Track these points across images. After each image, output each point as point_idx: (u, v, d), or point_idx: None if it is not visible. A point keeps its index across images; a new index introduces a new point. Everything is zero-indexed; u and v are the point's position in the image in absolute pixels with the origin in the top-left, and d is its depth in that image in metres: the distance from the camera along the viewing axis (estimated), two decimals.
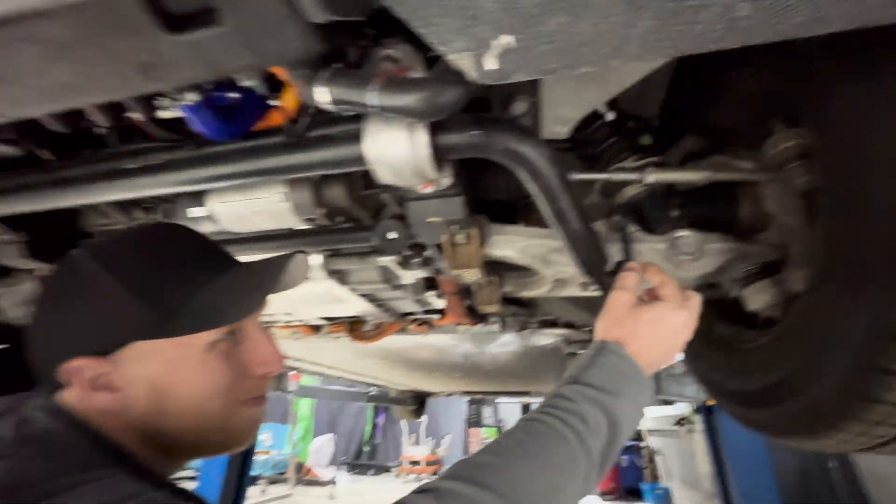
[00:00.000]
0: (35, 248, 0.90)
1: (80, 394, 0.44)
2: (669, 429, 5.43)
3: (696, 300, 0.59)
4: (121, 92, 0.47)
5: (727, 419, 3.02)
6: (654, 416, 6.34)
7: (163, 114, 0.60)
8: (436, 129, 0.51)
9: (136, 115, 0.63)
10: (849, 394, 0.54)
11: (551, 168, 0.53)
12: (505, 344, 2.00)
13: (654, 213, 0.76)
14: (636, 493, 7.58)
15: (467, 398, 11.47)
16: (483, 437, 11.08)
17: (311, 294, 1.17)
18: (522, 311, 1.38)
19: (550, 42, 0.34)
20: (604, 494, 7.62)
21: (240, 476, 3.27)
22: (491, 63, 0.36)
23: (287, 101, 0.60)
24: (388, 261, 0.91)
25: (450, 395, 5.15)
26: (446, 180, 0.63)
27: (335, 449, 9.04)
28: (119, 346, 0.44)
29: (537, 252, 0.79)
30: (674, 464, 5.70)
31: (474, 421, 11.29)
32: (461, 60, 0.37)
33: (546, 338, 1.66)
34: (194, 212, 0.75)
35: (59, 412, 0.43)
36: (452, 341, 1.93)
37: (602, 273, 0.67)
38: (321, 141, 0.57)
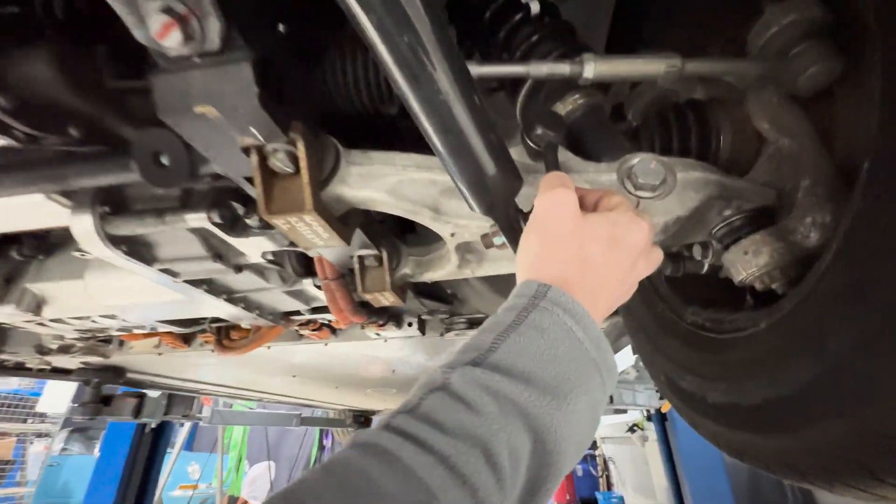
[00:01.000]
0: None
1: None
2: (622, 436, 5.33)
3: (648, 222, 0.35)
4: None
5: (682, 425, 2.88)
6: (607, 423, 6.27)
7: None
8: None
9: None
10: None
11: None
12: (429, 351, 1.69)
13: (596, 131, 0.50)
14: (592, 503, 7.46)
15: None
16: None
17: (133, 285, 0.81)
18: (443, 308, 1.08)
19: None
20: None
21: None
22: None
23: None
24: (198, 218, 0.57)
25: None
26: (216, 22, 0.32)
27: (275, 477, 8.25)
28: None
29: (421, 194, 0.49)
30: (627, 472, 5.61)
31: None
32: None
33: None
34: None
35: None
36: (372, 351, 1.60)
37: (510, 210, 0.39)
38: None
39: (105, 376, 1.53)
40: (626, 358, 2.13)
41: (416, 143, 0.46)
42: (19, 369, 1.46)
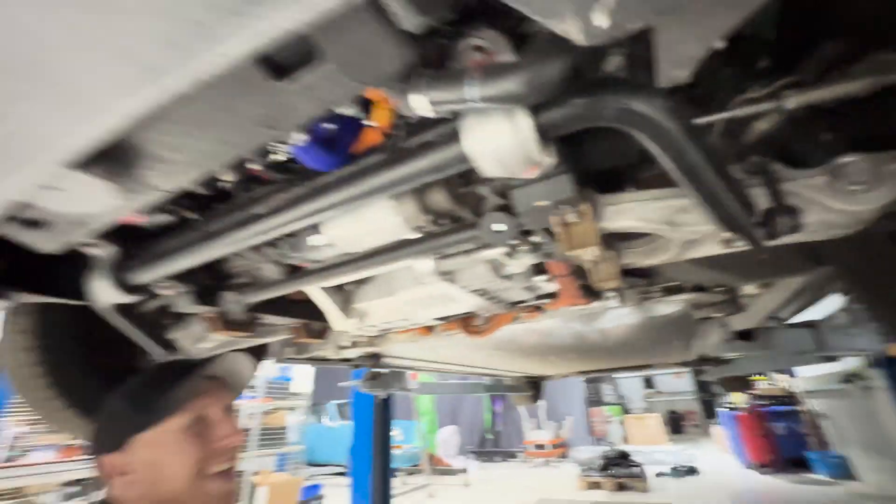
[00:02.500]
0: (200, 296, 1.07)
1: (114, 484, 0.67)
2: (836, 387, 4.65)
3: None
4: (247, 147, 0.52)
5: None
6: (811, 376, 5.48)
7: (275, 157, 0.66)
8: (537, 108, 0.48)
9: (255, 165, 0.70)
10: None
11: (674, 122, 0.47)
12: (621, 318, 1.88)
13: (801, 142, 0.64)
14: (801, 464, 6.65)
15: (583, 378, 11.11)
16: (607, 415, 10.64)
17: (425, 297, 1.22)
18: (641, 282, 1.27)
19: None
20: (761, 467, 6.83)
21: (384, 470, 3.57)
22: (601, 19, 0.32)
23: (379, 118, 0.62)
24: (495, 254, 0.90)
25: (565, 377, 5.02)
26: (550, 160, 0.59)
27: (460, 439, 9.40)
28: (123, 443, 0.67)
29: (660, 216, 0.71)
30: (848, 428, 4.86)
31: (594, 400, 10.89)
32: (565, 26, 0.34)
33: (670, 305, 1.51)
34: (313, 240, 0.82)
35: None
36: (563, 323, 1.87)
37: (749, 225, 0.58)
38: (421, 149, 0.58)
39: (372, 361, 2.13)
40: (832, 303, 1.99)
41: (645, 180, 0.69)
42: (323, 360, 2.15)
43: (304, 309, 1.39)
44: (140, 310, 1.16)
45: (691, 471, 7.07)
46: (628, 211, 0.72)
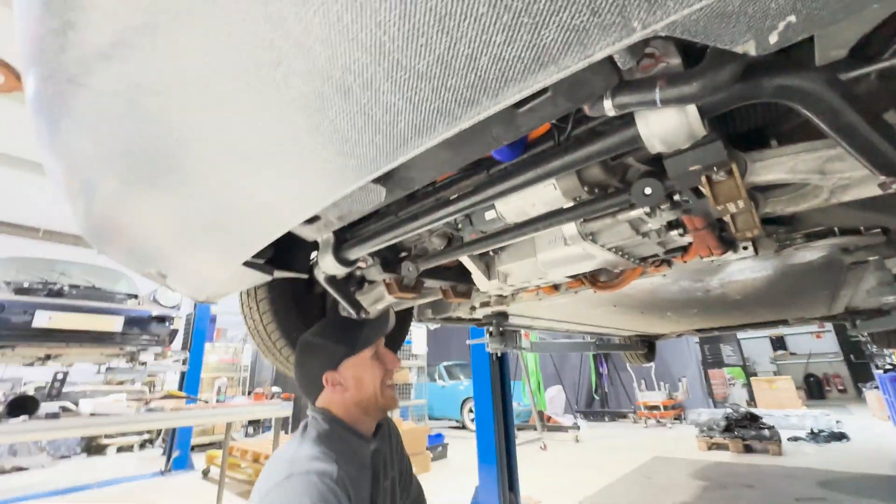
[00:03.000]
0: (384, 266, 1.37)
1: (330, 390, 1.07)
2: None
3: None
4: (477, 156, 0.72)
5: None
6: None
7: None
8: None
9: None
10: None
11: (831, 90, 0.56)
12: (753, 269, 1.84)
13: None
14: None
15: (698, 338, 10.41)
16: (728, 377, 9.91)
17: (563, 257, 1.39)
18: (782, 229, 1.28)
19: None
20: None
21: (506, 422, 3.92)
22: (773, 38, 0.45)
23: None
24: (638, 213, 1.03)
25: (680, 335, 4.85)
26: (704, 131, 0.71)
27: (566, 399, 9.58)
28: (338, 365, 1.08)
29: (809, 167, 0.78)
30: None
31: (713, 361, 10.18)
32: (741, 48, 0.47)
33: (813, 251, 1.47)
34: (489, 215, 1.04)
35: (320, 411, 1.06)
36: (686, 276, 1.90)
37: None
38: (591, 136, 0.74)
39: (500, 319, 2.39)
40: None
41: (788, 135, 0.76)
42: (458, 320, 2.47)
43: (453, 273, 1.66)
44: (340, 279, 1.52)
45: (837, 436, 6.38)
46: (777, 165, 0.80)
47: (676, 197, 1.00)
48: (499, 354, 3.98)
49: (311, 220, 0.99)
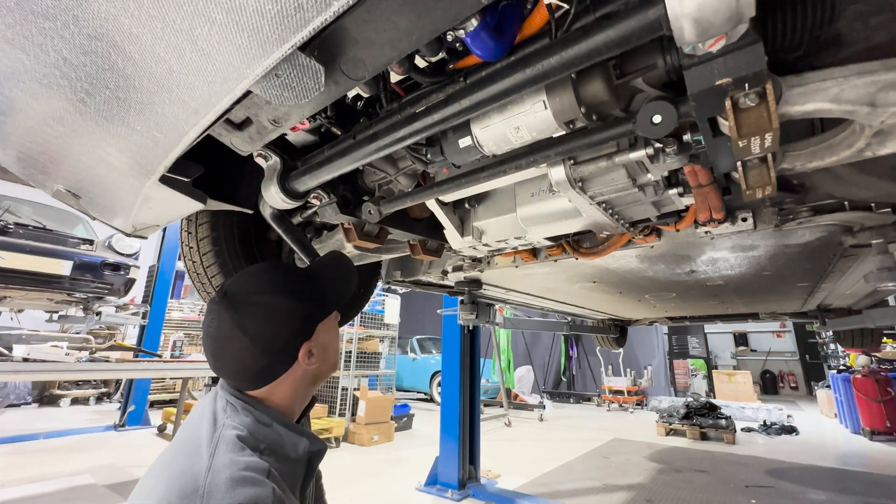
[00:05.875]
0: (342, 207, 1.19)
1: (296, 368, 0.77)
2: None
3: None
4: (439, 27, 0.54)
5: None
6: None
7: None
8: None
9: (423, 61, 0.74)
10: None
11: None
12: (742, 251, 1.74)
13: None
14: None
15: (667, 328, 10.64)
16: (691, 368, 10.20)
17: (545, 213, 1.23)
18: (789, 198, 1.15)
19: None
20: (874, 434, 6.22)
21: (472, 395, 3.85)
22: None
23: None
24: (639, 155, 0.87)
25: (652, 322, 4.86)
26: (743, 26, 0.55)
27: (535, 379, 9.71)
28: (314, 330, 0.79)
29: (860, 95, 0.63)
30: None
31: (678, 352, 10.45)
32: None
33: (814, 230, 1.36)
34: (464, 142, 0.86)
35: (251, 404, 0.75)
36: (671, 255, 1.78)
37: None
38: (602, 22, 0.57)
39: (473, 287, 2.25)
40: None
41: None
42: (427, 284, 2.31)
43: (424, 227, 1.48)
44: (292, 220, 1.33)
45: (788, 429, 6.65)
46: (819, 91, 0.64)
47: (686, 137, 0.85)
48: (470, 328, 3.88)
49: (241, 126, 0.79)
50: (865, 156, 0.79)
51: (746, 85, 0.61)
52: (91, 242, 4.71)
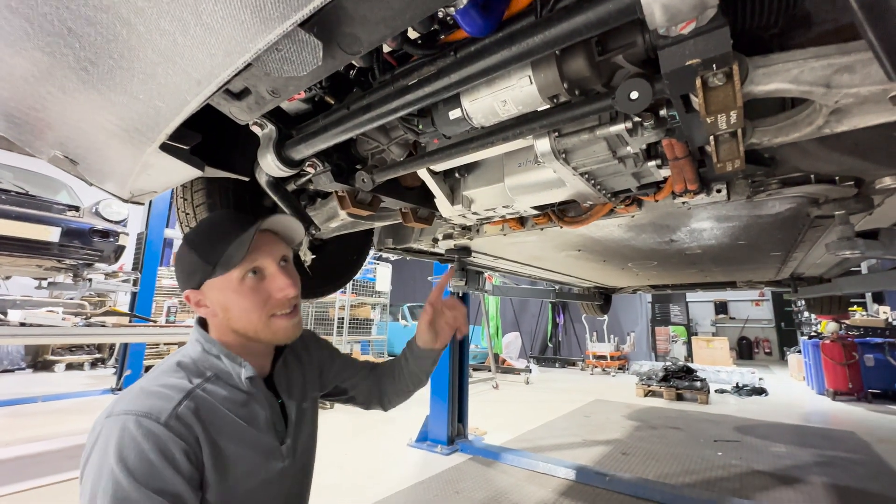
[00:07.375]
0: (336, 175, 1.23)
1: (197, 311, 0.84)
2: None
3: None
4: (430, 5, 0.58)
5: None
6: None
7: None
8: None
9: (414, 34, 0.77)
10: None
11: None
12: (718, 221, 1.82)
13: None
14: (889, 396, 6.39)
15: (650, 296, 10.97)
16: (672, 334, 10.62)
17: (532, 183, 1.29)
18: (760, 170, 1.22)
19: None
20: (836, 394, 6.63)
21: (461, 359, 4.01)
22: None
23: None
24: (618, 128, 0.93)
25: (635, 291, 5.03)
26: (711, 10, 0.59)
27: (521, 344, 10.04)
28: (200, 284, 0.81)
29: (816, 77, 0.68)
30: None
31: (661, 319, 10.84)
32: None
33: (783, 202, 1.44)
34: (454, 114, 0.90)
35: (198, 329, 0.86)
36: (651, 225, 1.86)
37: None
38: (580, 4, 0.61)
39: (462, 254, 2.32)
40: None
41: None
42: (418, 252, 2.38)
43: (415, 195, 1.53)
44: (287, 188, 1.36)
45: (758, 391, 7.05)
46: (781, 72, 0.70)
47: (662, 112, 0.90)
48: (460, 294, 3.99)
49: (240, 96, 0.82)
50: (825, 133, 0.85)
51: (714, 65, 0.66)
52: (77, 209, 4.64)
